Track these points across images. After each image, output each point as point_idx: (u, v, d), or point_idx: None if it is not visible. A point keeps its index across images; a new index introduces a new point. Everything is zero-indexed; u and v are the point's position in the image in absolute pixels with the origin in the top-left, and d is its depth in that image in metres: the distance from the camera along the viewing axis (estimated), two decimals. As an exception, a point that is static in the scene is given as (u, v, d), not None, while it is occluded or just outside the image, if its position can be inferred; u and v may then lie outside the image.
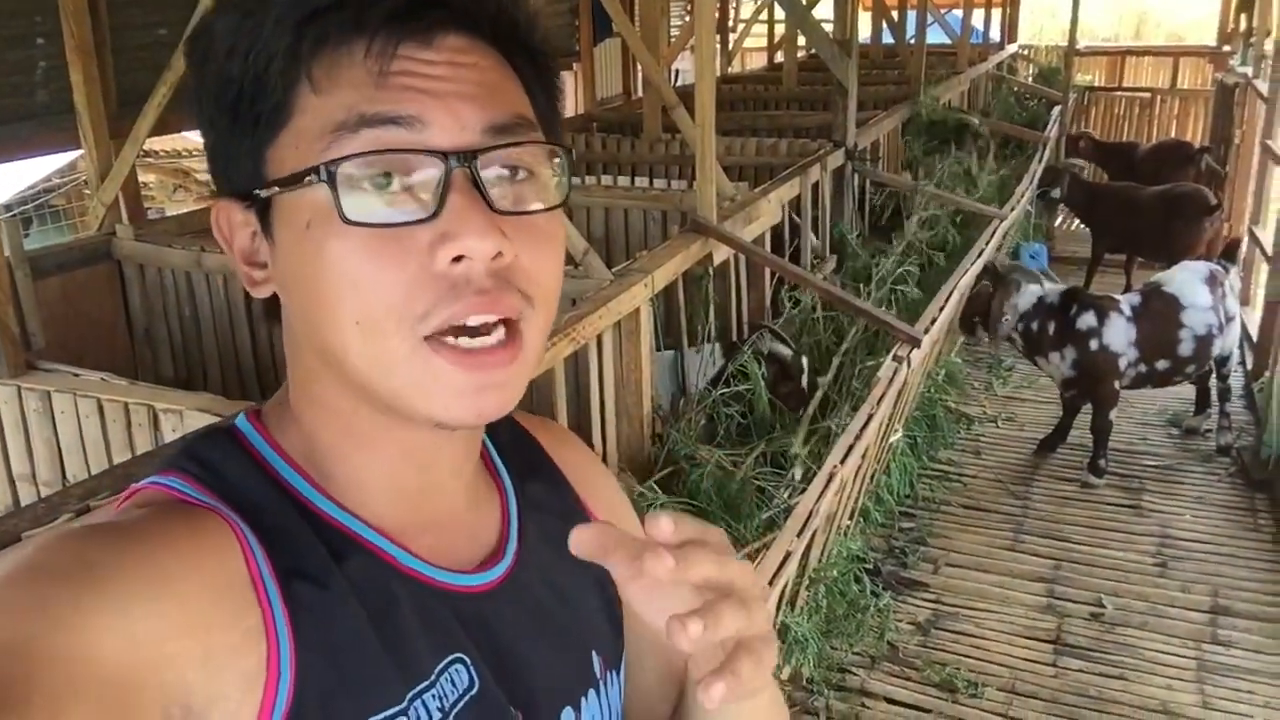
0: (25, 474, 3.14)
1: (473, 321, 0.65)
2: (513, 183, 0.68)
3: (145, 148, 5.43)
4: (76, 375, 3.01)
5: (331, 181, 0.63)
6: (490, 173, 0.66)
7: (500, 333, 0.67)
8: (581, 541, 0.61)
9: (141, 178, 6.14)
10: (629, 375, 3.60)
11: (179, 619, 0.60)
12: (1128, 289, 6.86)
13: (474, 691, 0.72)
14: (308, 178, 0.64)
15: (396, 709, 0.68)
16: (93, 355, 4.05)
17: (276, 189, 0.66)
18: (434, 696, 0.70)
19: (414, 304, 0.64)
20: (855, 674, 3.69)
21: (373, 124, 0.63)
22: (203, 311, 4.39)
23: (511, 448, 0.88)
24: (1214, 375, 5.30)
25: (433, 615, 0.72)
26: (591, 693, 0.83)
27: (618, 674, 0.88)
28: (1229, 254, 5.11)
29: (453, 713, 0.71)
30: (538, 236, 0.68)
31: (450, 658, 0.72)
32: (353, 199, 0.63)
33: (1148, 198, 7.40)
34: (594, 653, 0.84)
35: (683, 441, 3.63)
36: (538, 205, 0.69)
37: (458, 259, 0.64)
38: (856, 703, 3.57)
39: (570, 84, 11.49)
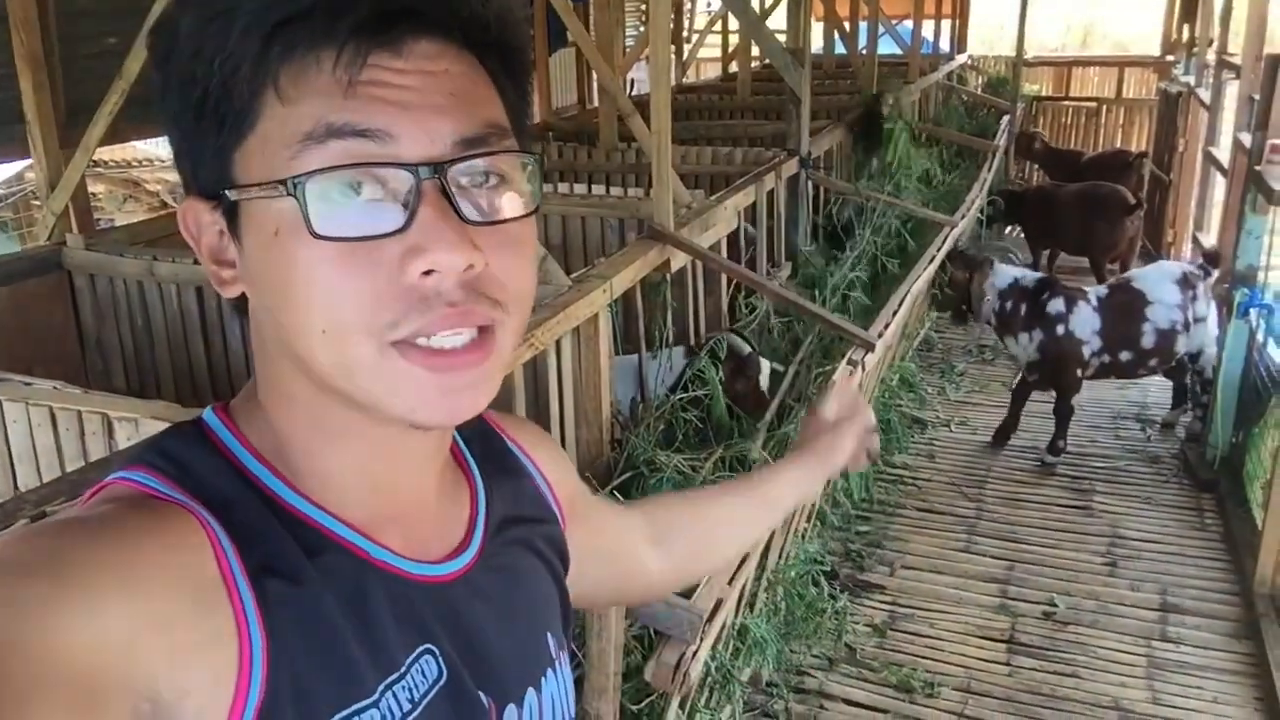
0: (-24, 484, 3.09)
1: (442, 334, 0.66)
2: (484, 191, 0.68)
3: (94, 158, 5.36)
4: (28, 384, 2.96)
5: (300, 194, 0.62)
6: (461, 182, 0.66)
7: (472, 332, 0.67)
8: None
9: (91, 188, 6.06)
10: (588, 381, 3.61)
11: (148, 615, 0.60)
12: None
13: (443, 681, 0.74)
14: (276, 188, 0.63)
15: (368, 701, 0.68)
16: (43, 365, 3.99)
17: (243, 194, 0.66)
18: (404, 688, 0.71)
19: (382, 314, 0.64)
20: (814, 676, 3.72)
21: (341, 135, 0.63)
22: (155, 321, 4.34)
23: (478, 438, 0.90)
24: (1189, 371, 5.45)
25: (404, 607, 0.73)
26: (550, 671, 0.86)
27: (566, 654, 0.91)
28: (1211, 259, 5.26)
29: (423, 703, 0.72)
30: (509, 244, 0.68)
31: (420, 649, 0.73)
32: (321, 211, 0.63)
33: (1067, 197, 7.68)
34: (549, 634, 0.88)
35: (642, 447, 3.64)
36: (510, 213, 0.69)
37: (428, 272, 0.64)
38: (815, 704, 3.60)
39: (526, 93, 11.51)
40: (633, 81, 10.41)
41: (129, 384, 4.51)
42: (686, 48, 12.03)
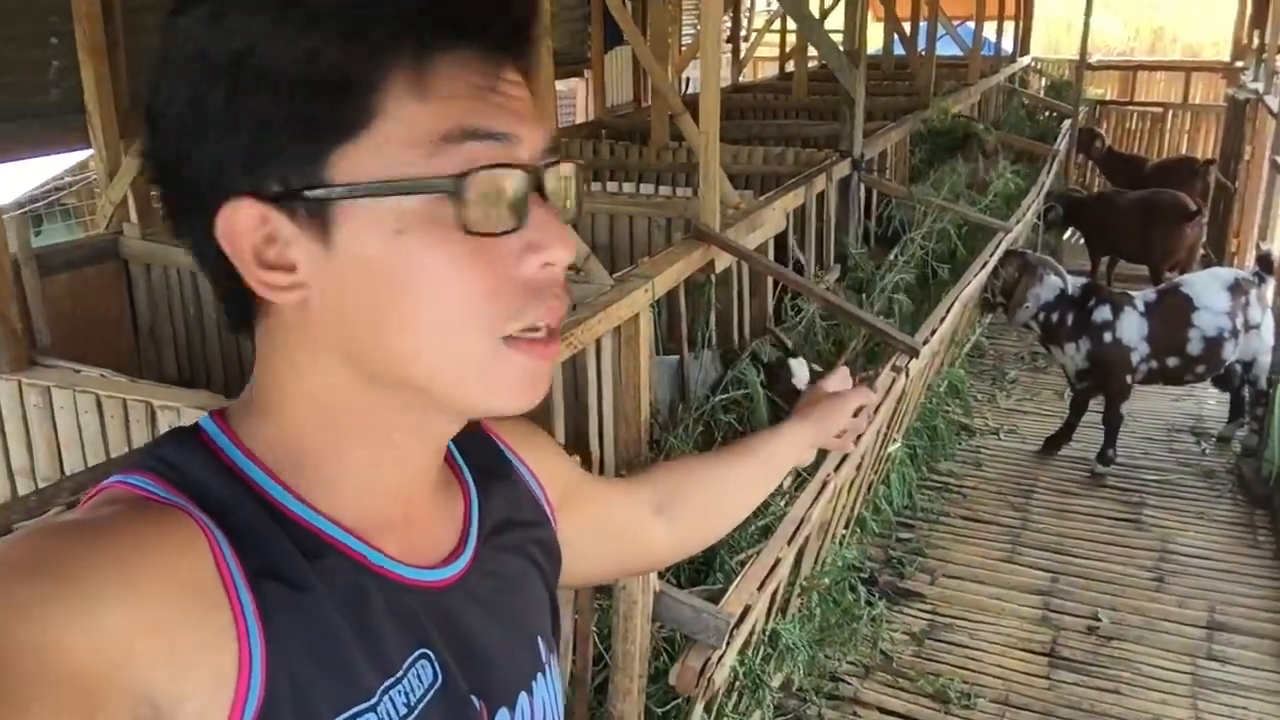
0: (24, 468, 3.16)
1: (550, 323, 0.71)
2: (561, 194, 0.73)
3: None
4: (77, 371, 3.03)
5: (461, 192, 0.65)
6: (550, 186, 0.72)
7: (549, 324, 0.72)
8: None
9: (153, 177, 6.17)
10: (628, 380, 3.61)
11: (147, 617, 0.61)
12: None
13: (438, 685, 0.74)
14: (429, 185, 0.65)
15: (367, 705, 0.69)
16: (98, 353, 4.08)
17: (348, 192, 0.65)
18: (400, 692, 0.72)
19: (503, 307, 0.68)
20: (849, 683, 3.69)
21: (476, 137, 0.66)
22: (207, 311, 4.42)
23: (469, 441, 0.90)
24: (1242, 381, 5.35)
25: (401, 612, 0.74)
26: (540, 675, 0.87)
27: (555, 657, 0.92)
28: (1265, 265, 5.15)
29: (418, 708, 0.72)
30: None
31: (417, 653, 0.74)
32: (474, 210, 0.66)
33: (1128, 204, 7.57)
34: (539, 638, 0.88)
35: (679, 448, 3.64)
36: (572, 214, 0.75)
37: (547, 264, 0.69)
38: (849, 711, 3.57)
39: (580, 91, 11.53)
40: (688, 80, 10.40)
41: (180, 373, 4.60)
42: (744, 47, 11.98)
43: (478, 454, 0.91)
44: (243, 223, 0.67)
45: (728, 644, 2.32)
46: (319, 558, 0.70)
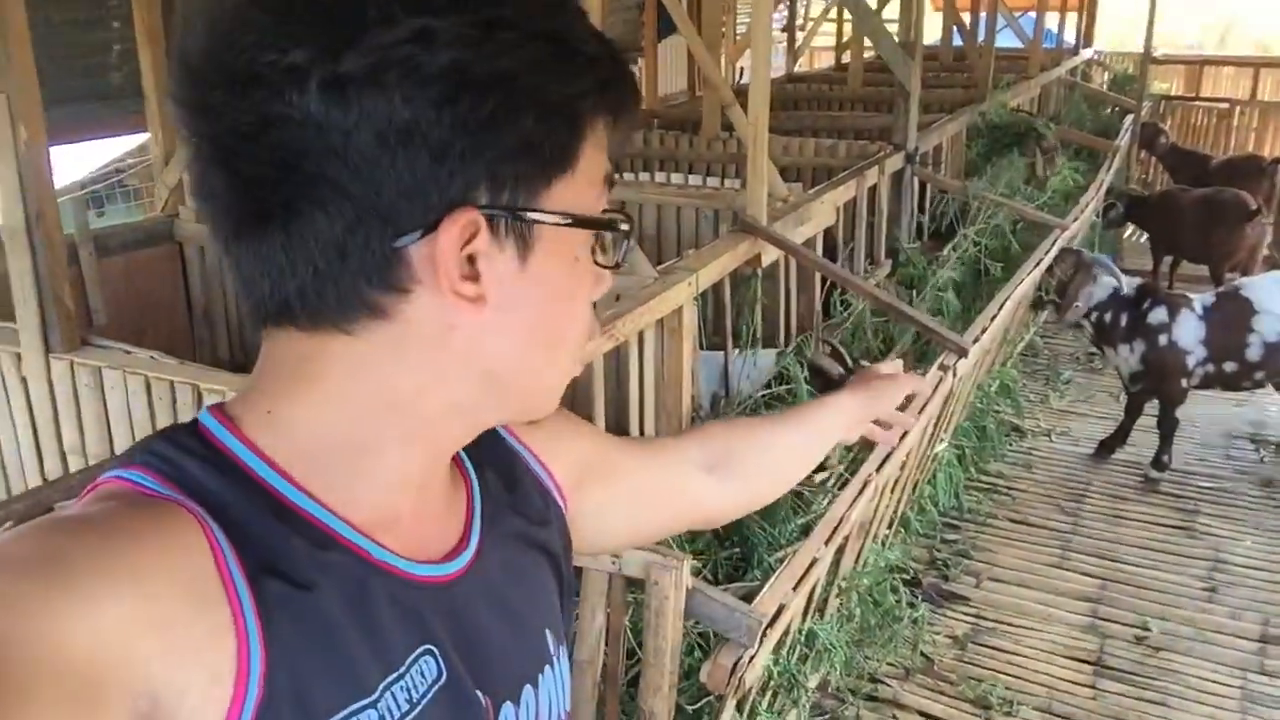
0: (76, 446, 3.23)
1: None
2: None
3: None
4: (128, 353, 3.08)
5: (623, 233, 0.77)
6: None
7: None
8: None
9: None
10: (669, 374, 3.59)
11: (146, 613, 0.61)
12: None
13: (442, 681, 0.74)
14: (611, 222, 0.76)
15: (368, 700, 0.69)
16: (152, 334, 4.15)
17: (560, 221, 0.72)
18: (403, 688, 0.72)
19: (586, 335, 0.79)
20: (888, 685, 3.65)
21: (611, 184, 0.77)
22: (258, 295, 4.47)
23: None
24: None
25: (405, 608, 0.74)
26: (547, 668, 0.87)
27: (564, 648, 0.92)
28: None
29: (421, 703, 0.72)
30: None
31: (421, 649, 0.74)
32: (607, 245, 0.77)
33: (1190, 203, 7.42)
34: (547, 631, 0.88)
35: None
36: None
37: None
38: (888, 714, 3.53)
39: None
40: (741, 70, 10.33)
41: (233, 355, 4.66)
42: (800, 36, 11.86)
43: (481, 445, 0.89)
44: (462, 232, 0.68)
45: (760, 643, 2.30)
46: (319, 551, 0.70)
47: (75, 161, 8.73)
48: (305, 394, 0.73)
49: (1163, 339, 4.95)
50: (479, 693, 0.77)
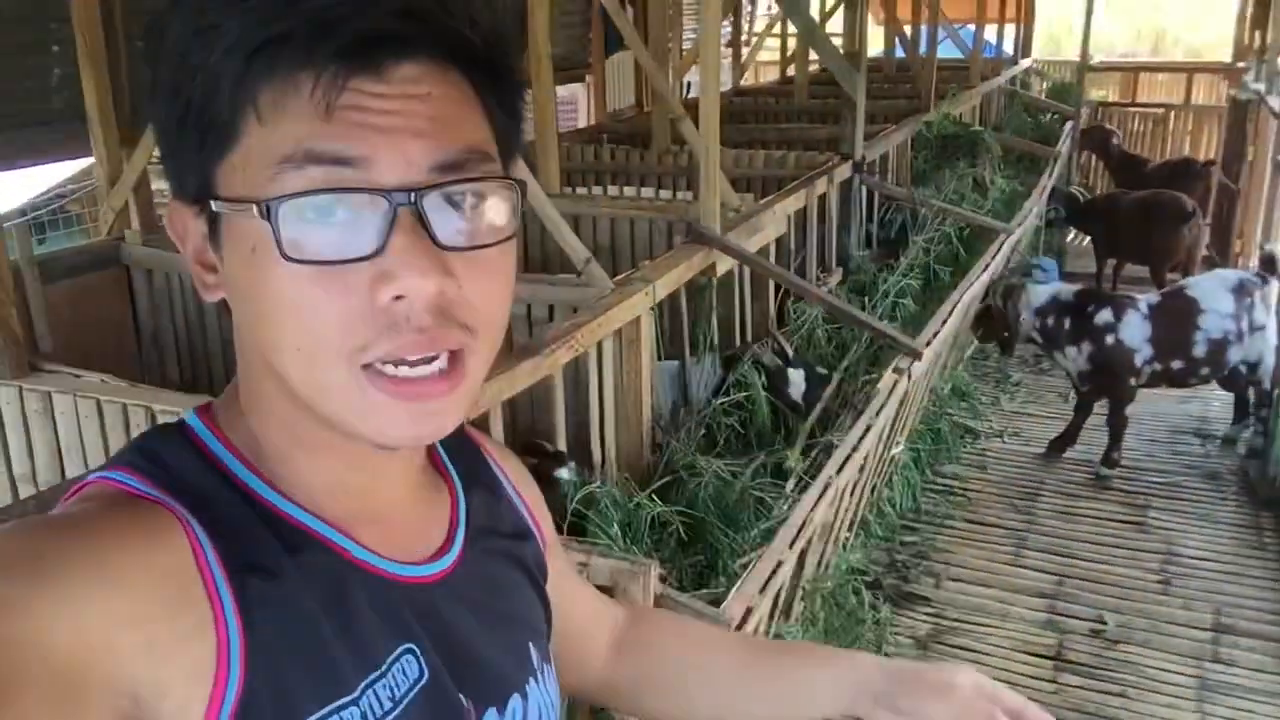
0: (26, 474, 3.16)
1: (412, 357, 0.66)
2: (461, 217, 0.67)
3: (160, 155, 5.48)
4: (77, 376, 3.03)
5: (271, 218, 0.63)
6: (437, 207, 0.66)
7: (442, 361, 0.68)
8: None
9: (156, 184, 6.17)
10: (629, 384, 3.60)
11: (126, 610, 0.61)
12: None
13: (424, 681, 0.74)
14: (251, 207, 0.64)
15: (349, 699, 0.69)
16: (100, 359, 4.05)
17: (224, 206, 0.66)
18: (385, 686, 0.71)
19: (352, 337, 0.65)
20: (853, 687, 3.67)
21: (319, 161, 0.63)
22: (208, 316, 4.42)
23: (458, 450, 0.91)
24: (1247, 383, 5.34)
25: (384, 606, 0.74)
26: (533, 681, 0.86)
27: (551, 667, 0.91)
28: (1269, 266, 5.13)
29: (403, 702, 0.72)
30: (486, 269, 0.69)
31: (401, 648, 0.74)
32: (294, 235, 0.63)
33: (1129, 205, 7.58)
34: (532, 645, 0.88)
35: (682, 451, 3.62)
36: (487, 239, 0.69)
37: (398, 297, 0.65)
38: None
39: (582, 96, 11.52)
40: (689, 84, 10.39)
41: (182, 378, 4.60)
42: (746, 50, 11.97)
43: (467, 463, 0.91)
44: (176, 222, 0.71)
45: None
46: (299, 551, 0.71)
47: (14, 189, 8.57)
48: (242, 393, 0.76)
49: (1109, 339, 5.04)
50: (462, 696, 0.77)
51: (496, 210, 0.69)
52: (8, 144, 5.14)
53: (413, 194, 0.64)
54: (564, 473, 3.07)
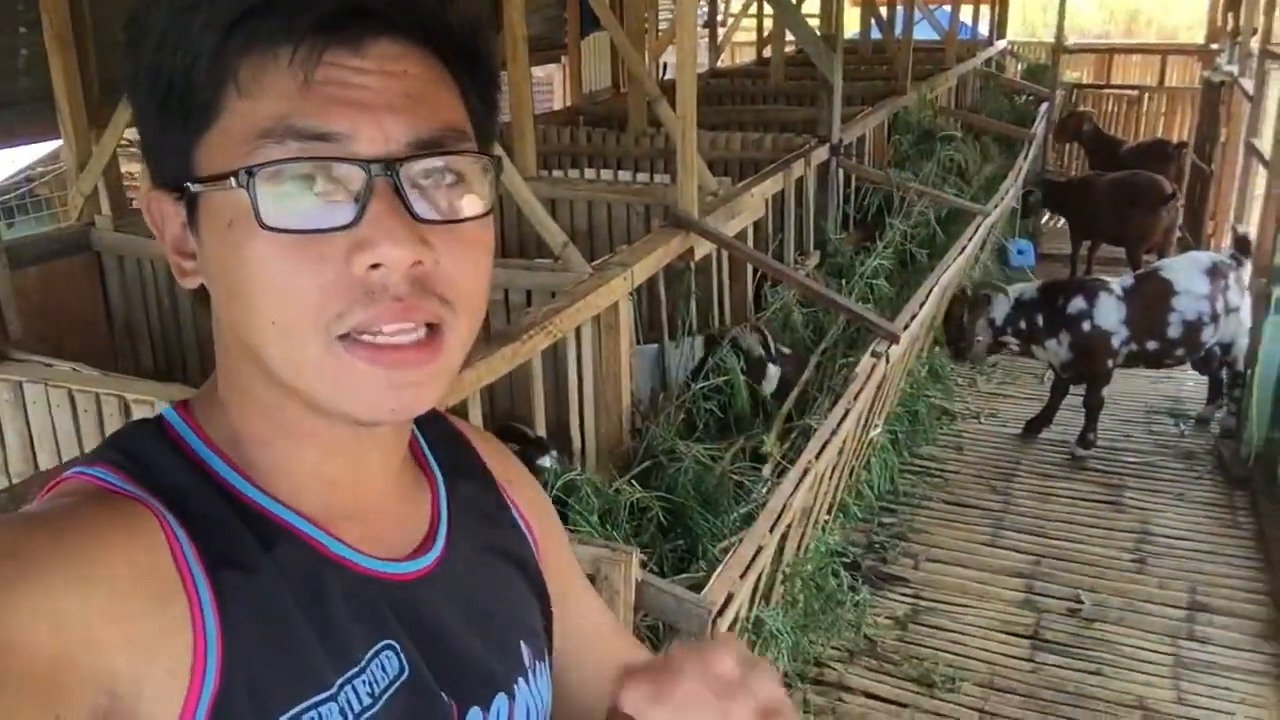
0: (-2, 465, 3.13)
1: (388, 329, 0.66)
2: (441, 191, 0.68)
3: (129, 138, 5.40)
4: (49, 365, 2.99)
5: (250, 186, 0.63)
6: (414, 180, 0.67)
7: (421, 331, 0.67)
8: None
9: (126, 168, 6.10)
10: (608, 369, 3.59)
11: (104, 606, 0.61)
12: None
13: (404, 677, 0.73)
14: (229, 180, 0.64)
15: (326, 694, 0.68)
16: (72, 346, 4.02)
17: (202, 186, 0.66)
18: (364, 682, 0.71)
19: (328, 307, 0.65)
20: (833, 668, 3.70)
21: (299, 136, 0.64)
22: (182, 303, 4.37)
23: (441, 442, 0.90)
24: (1221, 363, 5.40)
25: (362, 602, 0.73)
26: (521, 681, 0.84)
27: (546, 665, 0.89)
28: (1242, 248, 5.18)
29: (383, 698, 0.71)
30: (463, 243, 0.69)
31: (380, 644, 0.73)
32: (271, 204, 0.63)
33: (1106, 187, 7.63)
34: (522, 642, 0.86)
35: (661, 436, 3.62)
36: (464, 213, 0.69)
37: (374, 266, 0.64)
38: (834, 696, 3.58)
39: (558, 77, 11.47)
40: (665, 65, 10.35)
41: (156, 366, 4.55)
42: (721, 31, 11.93)
43: (452, 455, 0.90)
44: (154, 210, 0.71)
45: (711, 632, 2.31)
46: (274, 545, 0.70)
47: (-18, 171, 8.45)
48: (220, 385, 0.75)
49: (1085, 325, 5.10)
50: (443, 694, 0.76)
51: (474, 187, 0.70)
52: (-26, 127, 5.05)
53: (389, 166, 0.65)
54: (546, 461, 3.06)
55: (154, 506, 0.67)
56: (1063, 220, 8.75)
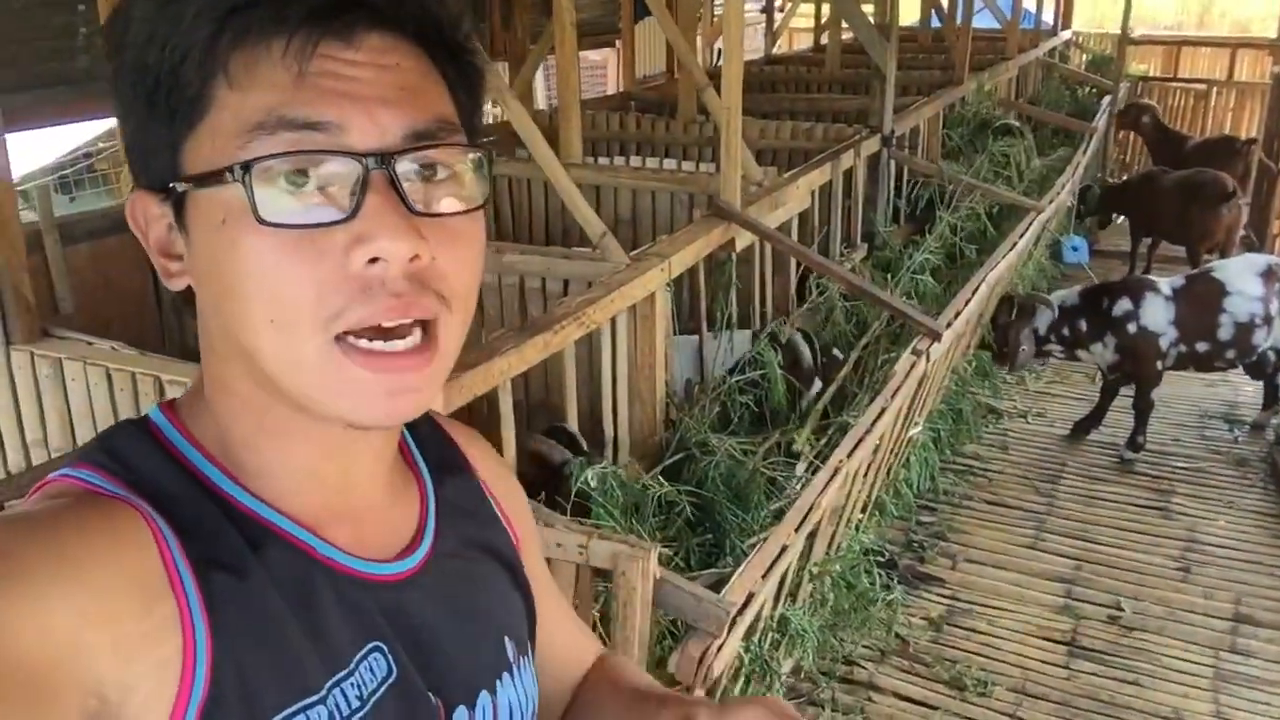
0: (38, 440, 3.18)
1: (387, 324, 0.65)
2: (432, 184, 0.68)
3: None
4: (89, 344, 3.04)
5: (246, 181, 0.62)
6: (409, 174, 0.66)
7: (416, 336, 0.67)
8: None
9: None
10: (643, 360, 3.57)
11: (92, 609, 0.61)
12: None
13: (392, 679, 0.73)
14: (224, 175, 0.63)
15: (315, 698, 0.68)
16: (121, 324, 4.08)
17: (191, 184, 0.66)
18: (353, 685, 0.71)
19: (326, 304, 0.64)
20: (864, 667, 3.66)
21: (292, 127, 0.63)
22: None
23: (429, 442, 0.90)
24: (1275, 368, 5.29)
25: (351, 604, 0.73)
26: (506, 676, 0.84)
27: (529, 661, 0.89)
28: None
29: (371, 701, 0.71)
30: (457, 238, 0.69)
31: (369, 646, 0.73)
32: (268, 199, 0.63)
33: (1169, 184, 7.47)
34: (506, 638, 0.86)
35: (695, 428, 3.60)
36: (457, 207, 0.69)
37: (373, 261, 0.64)
38: (863, 695, 3.54)
39: (612, 61, 11.43)
40: (719, 52, 10.26)
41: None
42: (779, 17, 11.80)
43: (438, 454, 0.90)
44: (138, 213, 0.71)
45: (730, 631, 2.29)
46: (262, 547, 0.70)
47: (43, 147, 8.62)
48: (206, 386, 0.75)
49: (1132, 327, 5.00)
50: (430, 694, 0.76)
51: (467, 179, 0.70)
52: (34, 102, 5.14)
53: (384, 159, 0.65)
54: (583, 467, 3.01)
55: (142, 508, 0.67)
56: (1121, 216, 8.55)
